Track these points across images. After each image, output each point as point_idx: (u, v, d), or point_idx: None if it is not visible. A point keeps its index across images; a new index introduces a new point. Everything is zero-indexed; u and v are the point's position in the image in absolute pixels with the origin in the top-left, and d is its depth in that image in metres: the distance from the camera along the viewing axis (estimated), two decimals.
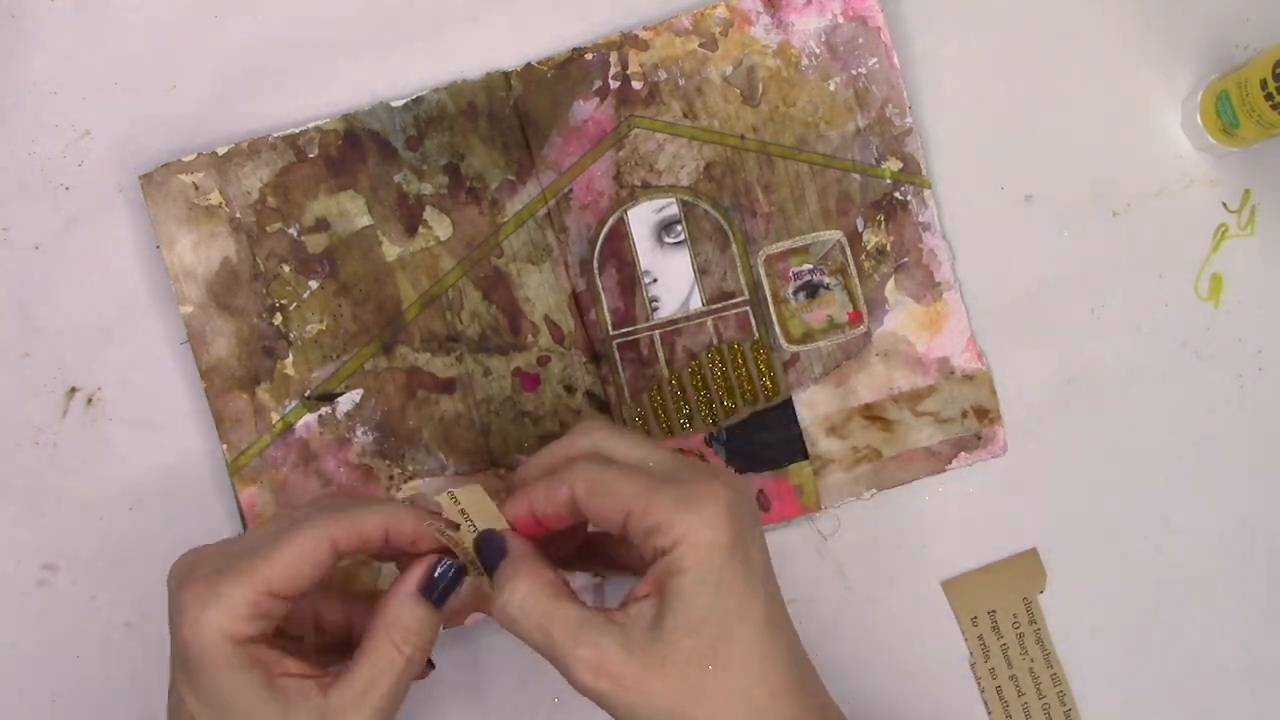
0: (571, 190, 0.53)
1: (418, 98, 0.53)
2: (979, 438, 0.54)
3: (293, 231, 0.53)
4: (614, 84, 0.53)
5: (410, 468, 0.52)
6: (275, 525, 0.41)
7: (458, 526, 0.41)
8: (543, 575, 0.40)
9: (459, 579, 0.41)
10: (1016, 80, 0.55)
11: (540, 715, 0.53)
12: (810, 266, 0.54)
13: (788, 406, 0.54)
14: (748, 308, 0.54)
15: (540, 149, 0.53)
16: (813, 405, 0.54)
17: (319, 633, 0.45)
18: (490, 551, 0.41)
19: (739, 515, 0.39)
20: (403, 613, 0.40)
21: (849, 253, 0.54)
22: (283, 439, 0.52)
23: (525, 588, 0.39)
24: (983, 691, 0.54)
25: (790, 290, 0.54)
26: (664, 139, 0.54)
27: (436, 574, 0.41)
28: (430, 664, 0.44)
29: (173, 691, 0.41)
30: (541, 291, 0.53)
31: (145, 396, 0.53)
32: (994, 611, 0.54)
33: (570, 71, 0.53)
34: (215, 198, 0.52)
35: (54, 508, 0.53)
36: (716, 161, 0.54)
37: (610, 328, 0.53)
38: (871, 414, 0.54)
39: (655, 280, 0.54)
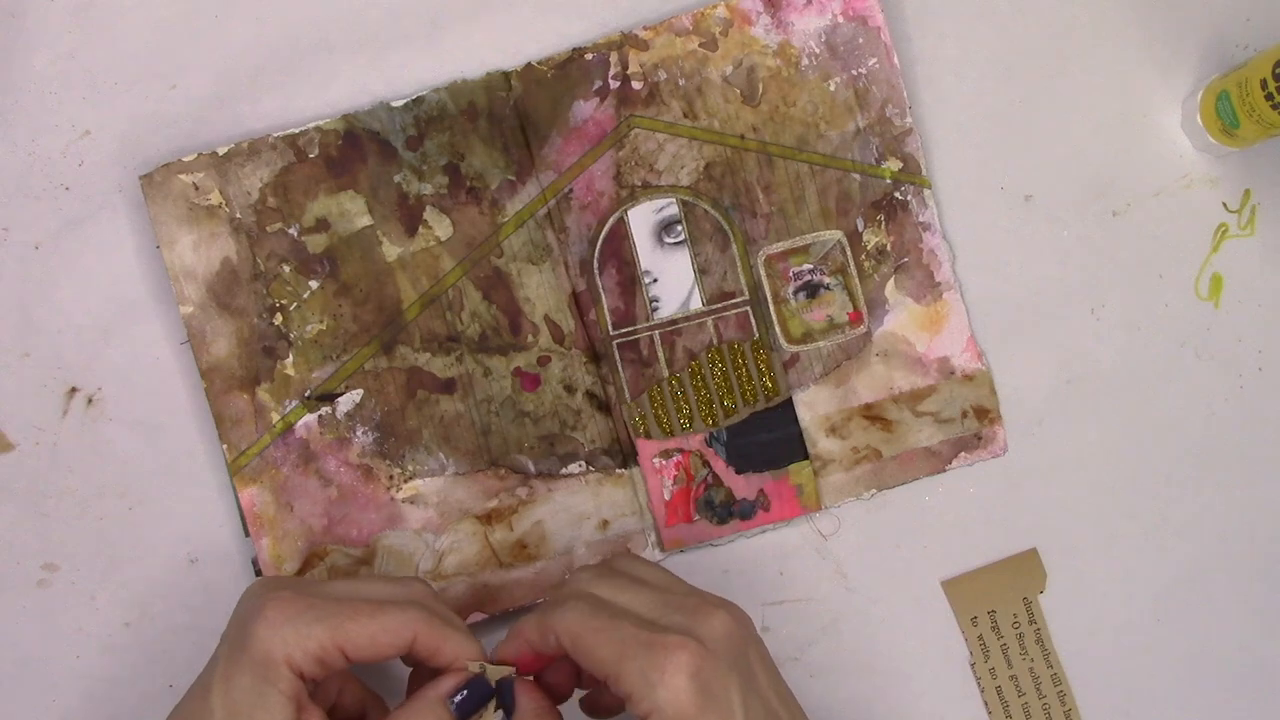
0: (571, 190, 0.53)
1: (418, 98, 0.53)
2: (979, 438, 0.54)
3: (293, 231, 0.53)
4: (614, 84, 0.53)
5: (410, 468, 0.52)
6: (373, 589, 0.43)
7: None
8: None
9: (482, 702, 0.43)
10: (1016, 80, 0.55)
11: None
12: (810, 266, 0.54)
13: (788, 406, 0.54)
14: (748, 308, 0.54)
15: (540, 149, 0.53)
16: (813, 405, 0.54)
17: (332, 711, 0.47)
18: (505, 698, 0.44)
19: (706, 676, 0.40)
20: (426, 711, 0.42)
21: (849, 253, 0.54)
22: (283, 439, 0.52)
23: None
24: (983, 691, 0.54)
25: (790, 290, 0.54)
26: (664, 139, 0.54)
27: (466, 688, 0.43)
28: None
29: (203, 683, 0.42)
30: (541, 291, 0.53)
31: (145, 396, 0.53)
32: (994, 611, 0.54)
33: (570, 71, 0.53)
34: (215, 198, 0.52)
35: (54, 508, 0.53)
36: (716, 161, 0.54)
37: (610, 328, 0.53)
38: (871, 414, 0.54)
39: (655, 280, 0.54)
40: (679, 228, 0.54)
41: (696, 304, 0.54)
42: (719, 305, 0.54)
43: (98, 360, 0.54)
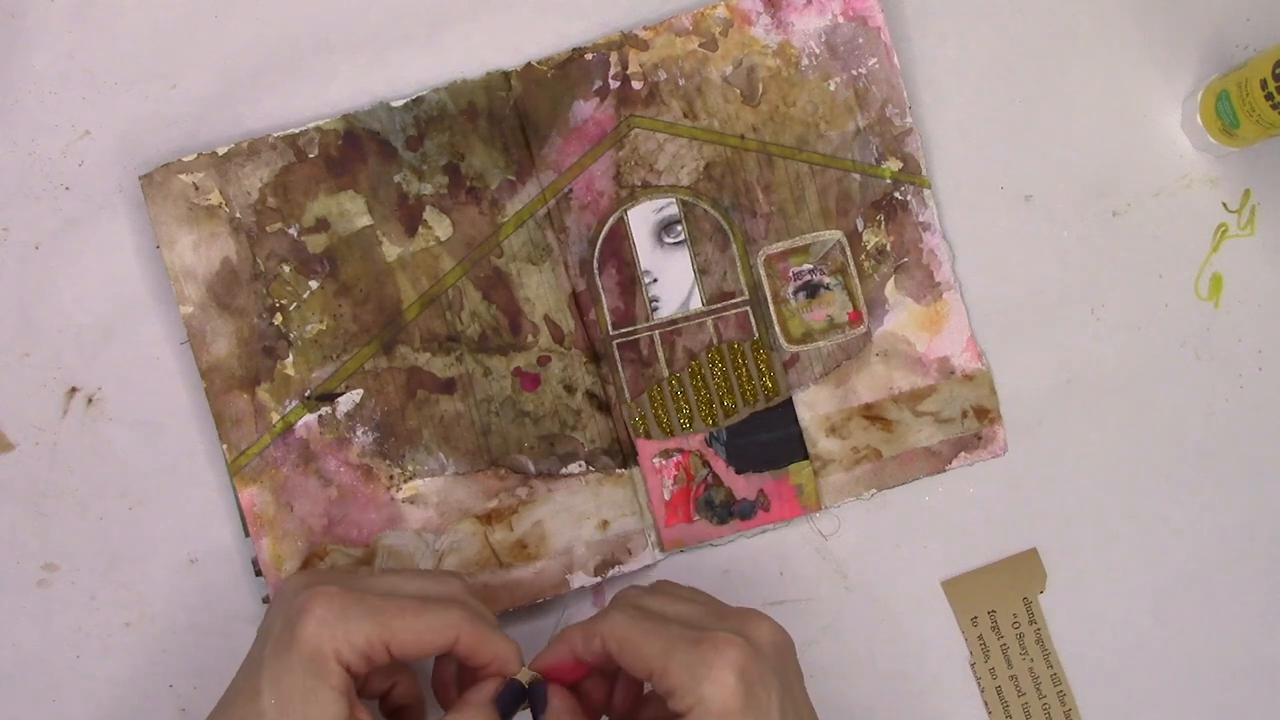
0: (571, 190, 0.53)
1: (418, 98, 0.53)
2: (979, 438, 0.54)
3: (293, 231, 0.53)
4: (614, 84, 0.53)
5: (410, 468, 0.52)
6: (413, 584, 0.44)
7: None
8: None
9: (520, 702, 0.45)
10: (1016, 80, 0.55)
11: None
12: (810, 266, 0.54)
13: (788, 406, 0.54)
14: (748, 308, 0.54)
15: (540, 149, 0.53)
16: (813, 405, 0.54)
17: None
18: (537, 699, 0.45)
19: (751, 676, 0.40)
20: (478, 715, 0.43)
21: (849, 253, 0.54)
22: (283, 439, 0.52)
23: None
24: (983, 691, 0.54)
25: (790, 290, 0.54)
26: (664, 139, 0.54)
27: (506, 689, 0.44)
28: None
29: (249, 683, 0.42)
30: (541, 291, 0.53)
31: (145, 396, 0.53)
32: (994, 611, 0.54)
33: (570, 71, 0.53)
34: (215, 198, 0.52)
35: (54, 508, 0.53)
36: (716, 161, 0.54)
37: (610, 328, 0.53)
38: (871, 414, 0.54)
39: (655, 280, 0.54)
40: (679, 228, 0.54)
41: (696, 304, 0.54)
42: (719, 305, 0.54)
43: (98, 360, 0.54)
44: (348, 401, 0.53)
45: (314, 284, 0.53)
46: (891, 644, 0.54)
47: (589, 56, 0.53)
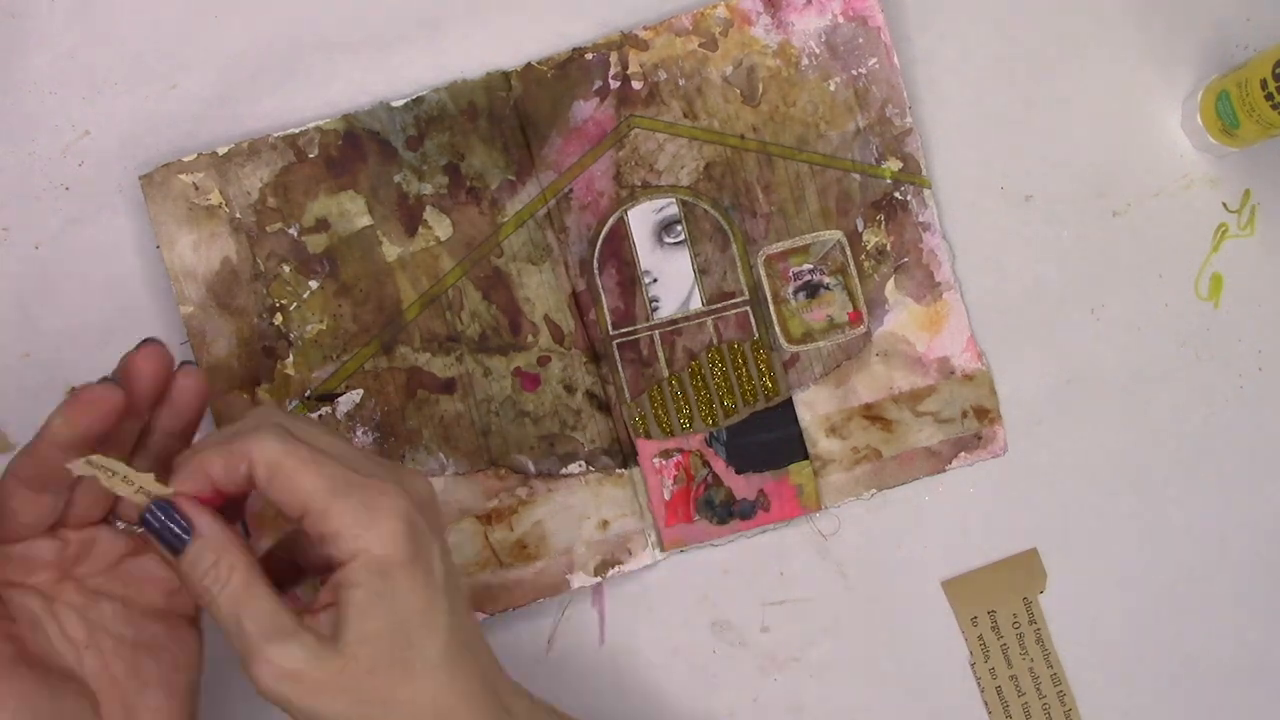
0: (571, 190, 0.53)
1: (418, 98, 0.53)
2: (979, 438, 0.54)
3: (293, 231, 0.53)
4: (614, 84, 0.53)
5: (410, 468, 0.52)
6: None
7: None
8: (243, 560, 0.39)
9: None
10: (1016, 80, 0.55)
11: None
12: (810, 266, 0.54)
13: (788, 406, 0.54)
14: (748, 308, 0.54)
15: (540, 149, 0.53)
16: (813, 405, 0.54)
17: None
18: (170, 523, 0.38)
19: (418, 528, 0.38)
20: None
21: (849, 253, 0.54)
22: None
23: (228, 578, 0.38)
24: (983, 691, 0.54)
25: (790, 290, 0.54)
26: (664, 139, 0.54)
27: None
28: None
29: None
30: (541, 291, 0.53)
31: None
32: (994, 611, 0.54)
33: (570, 71, 0.53)
34: (215, 198, 0.52)
35: None
36: (716, 161, 0.54)
37: (610, 328, 0.53)
38: (871, 414, 0.54)
39: (655, 280, 0.54)
40: (679, 228, 0.54)
41: (696, 304, 0.54)
42: (719, 305, 0.54)
43: (98, 360, 0.53)
44: (348, 401, 0.53)
45: (314, 284, 0.53)
46: (891, 644, 0.54)
47: (589, 56, 0.53)
